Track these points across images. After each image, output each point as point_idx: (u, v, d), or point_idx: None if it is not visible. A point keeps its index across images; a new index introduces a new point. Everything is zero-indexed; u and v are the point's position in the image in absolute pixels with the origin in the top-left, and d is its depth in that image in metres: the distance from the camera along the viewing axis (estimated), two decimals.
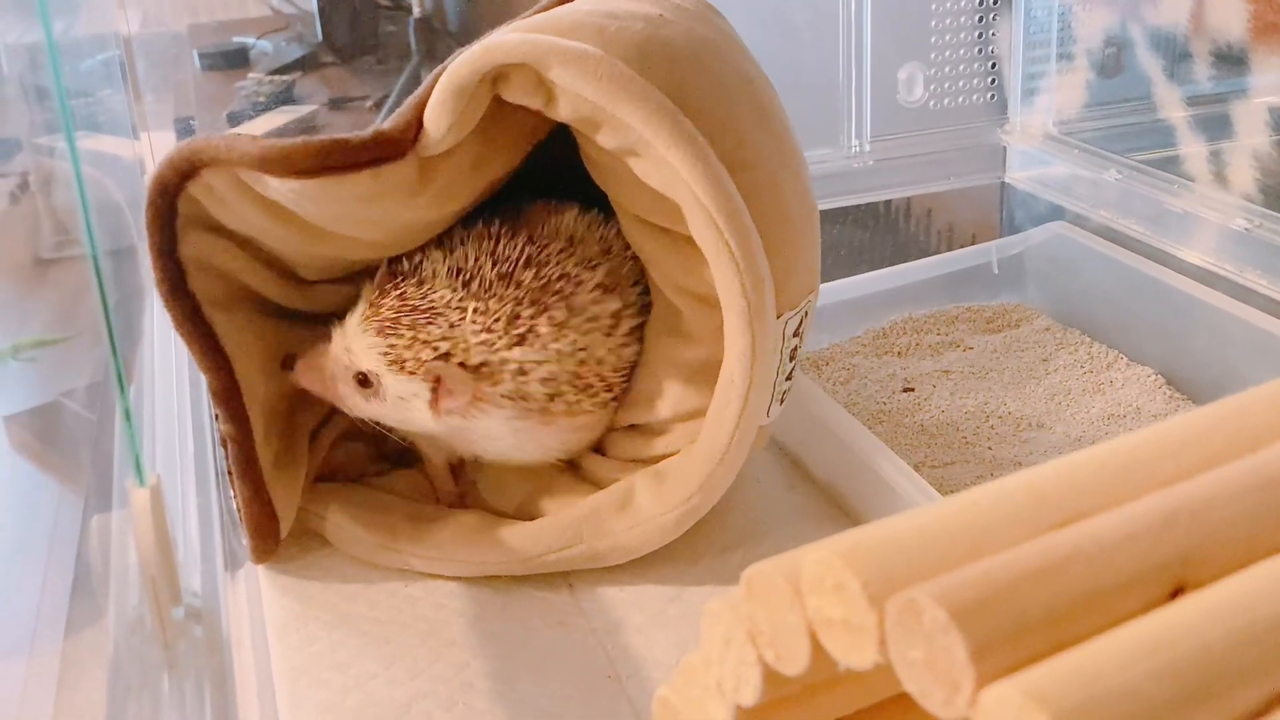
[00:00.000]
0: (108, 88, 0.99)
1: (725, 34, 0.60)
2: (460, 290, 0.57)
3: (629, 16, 0.54)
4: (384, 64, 1.54)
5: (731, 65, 0.58)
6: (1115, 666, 0.23)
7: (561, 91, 0.52)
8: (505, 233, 0.59)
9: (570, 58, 0.51)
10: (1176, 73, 0.91)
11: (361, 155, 0.51)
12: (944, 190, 0.98)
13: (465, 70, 0.51)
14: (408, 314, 0.57)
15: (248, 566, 0.60)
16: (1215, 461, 0.30)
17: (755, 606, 0.29)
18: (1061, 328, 0.85)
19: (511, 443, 0.60)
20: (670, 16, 0.56)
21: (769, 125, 0.58)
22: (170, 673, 0.44)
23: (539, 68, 0.51)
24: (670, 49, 0.54)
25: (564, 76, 0.51)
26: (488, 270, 0.57)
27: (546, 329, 0.57)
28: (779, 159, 0.58)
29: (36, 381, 0.90)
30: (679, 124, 0.52)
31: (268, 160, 0.51)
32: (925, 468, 0.70)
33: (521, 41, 0.51)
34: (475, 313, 0.56)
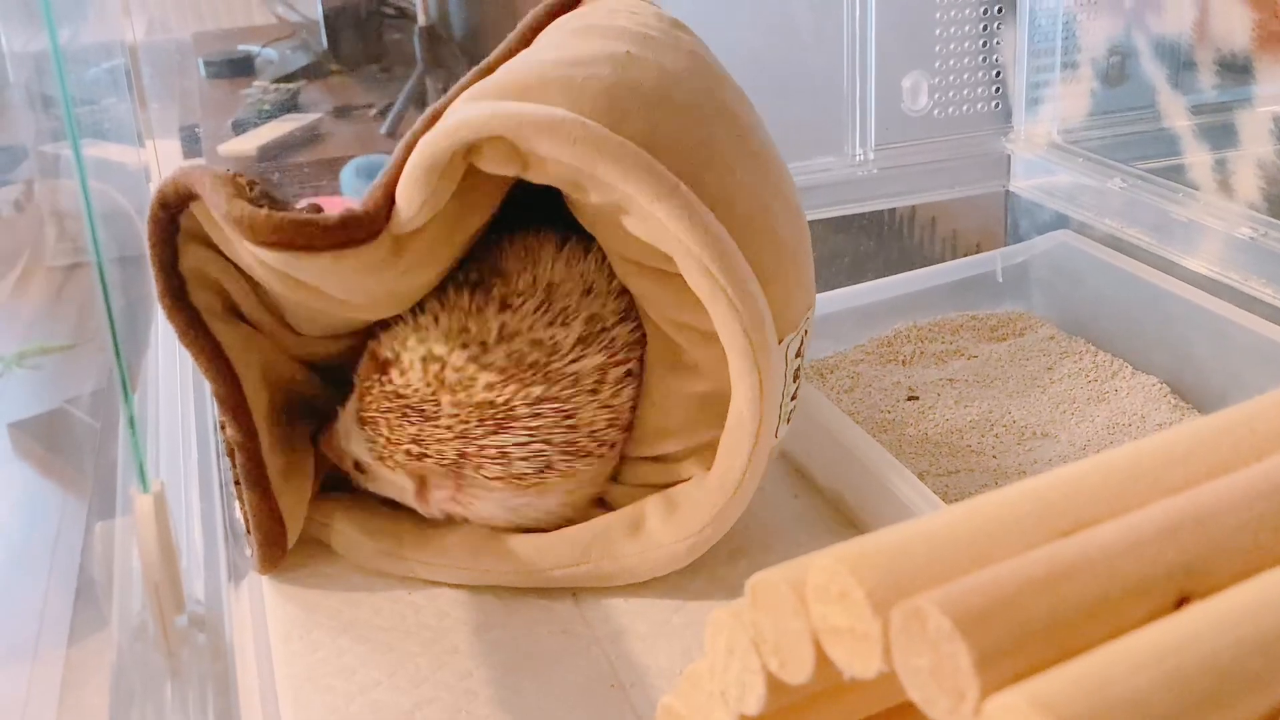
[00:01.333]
0: (113, 95, 0.99)
1: (696, 57, 0.59)
2: (433, 382, 0.56)
3: (594, 61, 0.54)
4: (389, 72, 1.54)
5: (705, 94, 0.57)
6: (1121, 675, 0.23)
7: (538, 159, 0.51)
8: (476, 303, 0.58)
9: (542, 126, 0.50)
10: (1181, 82, 0.91)
11: (324, 239, 0.51)
12: (948, 199, 0.98)
13: (436, 148, 0.50)
14: (385, 409, 0.57)
15: (251, 573, 0.60)
16: (1221, 470, 0.30)
17: (760, 614, 0.29)
18: (1066, 336, 0.85)
19: (511, 519, 0.59)
20: (638, 52, 0.56)
21: (750, 150, 0.57)
22: (173, 680, 0.43)
23: (512, 139, 0.50)
24: (641, 93, 0.53)
25: (540, 145, 0.50)
26: (458, 357, 0.56)
27: (524, 409, 0.56)
28: (764, 184, 0.57)
29: (41, 388, 0.90)
30: (660, 178, 0.51)
31: (232, 220, 0.51)
32: (929, 476, 0.70)
33: (491, 116, 0.50)
34: (449, 404, 0.56)
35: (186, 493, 0.57)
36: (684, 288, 0.55)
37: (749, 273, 0.53)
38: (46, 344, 0.95)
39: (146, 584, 0.44)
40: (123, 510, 0.57)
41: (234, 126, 1.39)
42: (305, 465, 0.62)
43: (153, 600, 0.43)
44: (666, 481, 0.60)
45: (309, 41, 1.58)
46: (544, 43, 0.59)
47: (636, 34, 0.57)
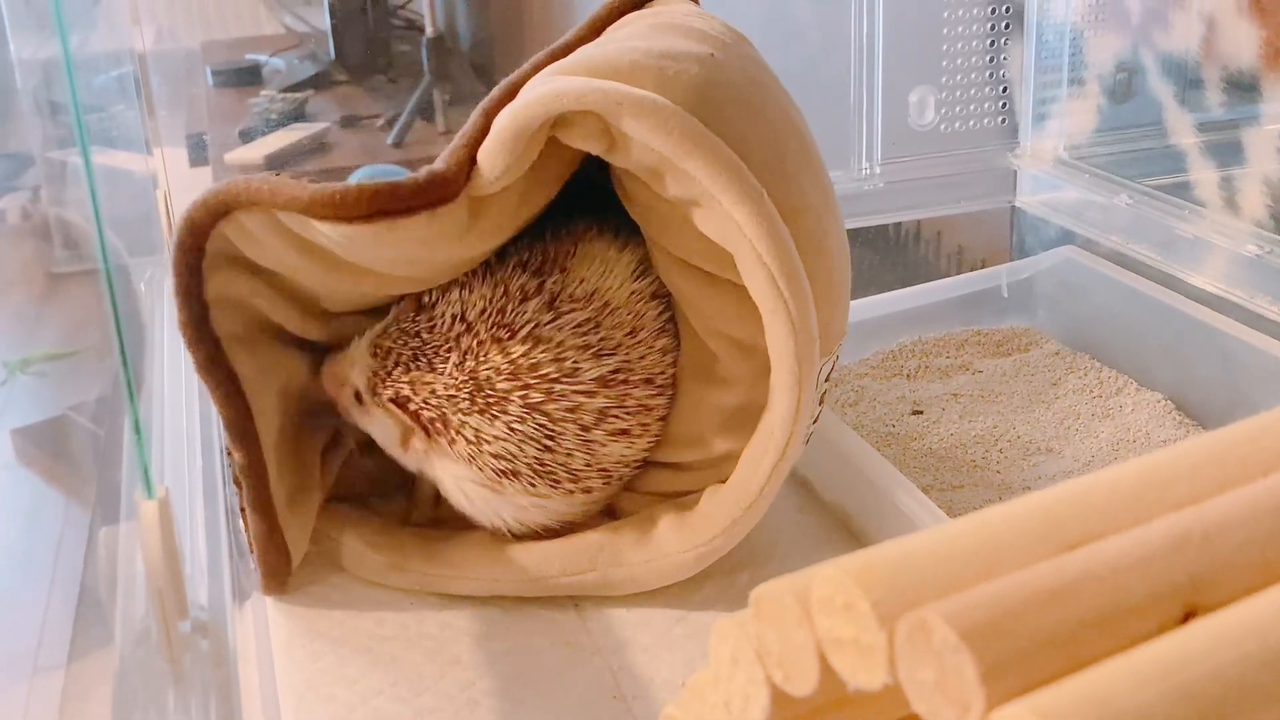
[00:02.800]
0: (121, 103, 0.99)
1: (765, 69, 0.59)
2: (450, 340, 0.56)
3: (684, 58, 0.54)
4: (396, 82, 1.55)
5: (777, 105, 0.57)
6: (1127, 689, 0.23)
7: (628, 141, 0.51)
8: (525, 289, 0.57)
9: (643, 109, 0.50)
10: (1187, 99, 0.91)
11: (416, 199, 0.50)
12: (954, 213, 0.98)
13: (530, 113, 0.50)
14: (400, 343, 0.57)
15: (253, 579, 0.60)
16: (1228, 485, 0.30)
17: (764, 625, 0.29)
18: (1071, 352, 0.85)
19: (460, 500, 0.59)
20: (720, 56, 0.56)
21: (813, 166, 0.57)
22: (176, 686, 0.43)
23: (608, 116, 0.50)
24: (729, 94, 0.53)
25: (635, 128, 0.50)
26: (482, 330, 0.56)
27: (517, 408, 0.56)
28: (824, 202, 0.57)
29: (45, 395, 0.90)
30: (745, 181, 0.51)
31: (317, 205, 0.50)
32: (934, 491, 0.70)
33: (591, 89, 0.50)
34: (454, 366, 0.56)
35: (191, 499, 0.57)
36: (732, 296, 0.55)
37: (810, 293, 0.52)
38: (50, 350, 0.95)
39: (150, 590, 0.44)
40: (127, 516, 0.57)
41: (241, 135, 1.40)
42: (313, 484, 0.61)
43: (156, 606, 0.43)
44: (679, 490, 0.60)
45: (316, 51, 1.59)
46: (623, 34, 0.58)
47: (714, 38, 0.57)
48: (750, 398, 0.57)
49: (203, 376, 0.55)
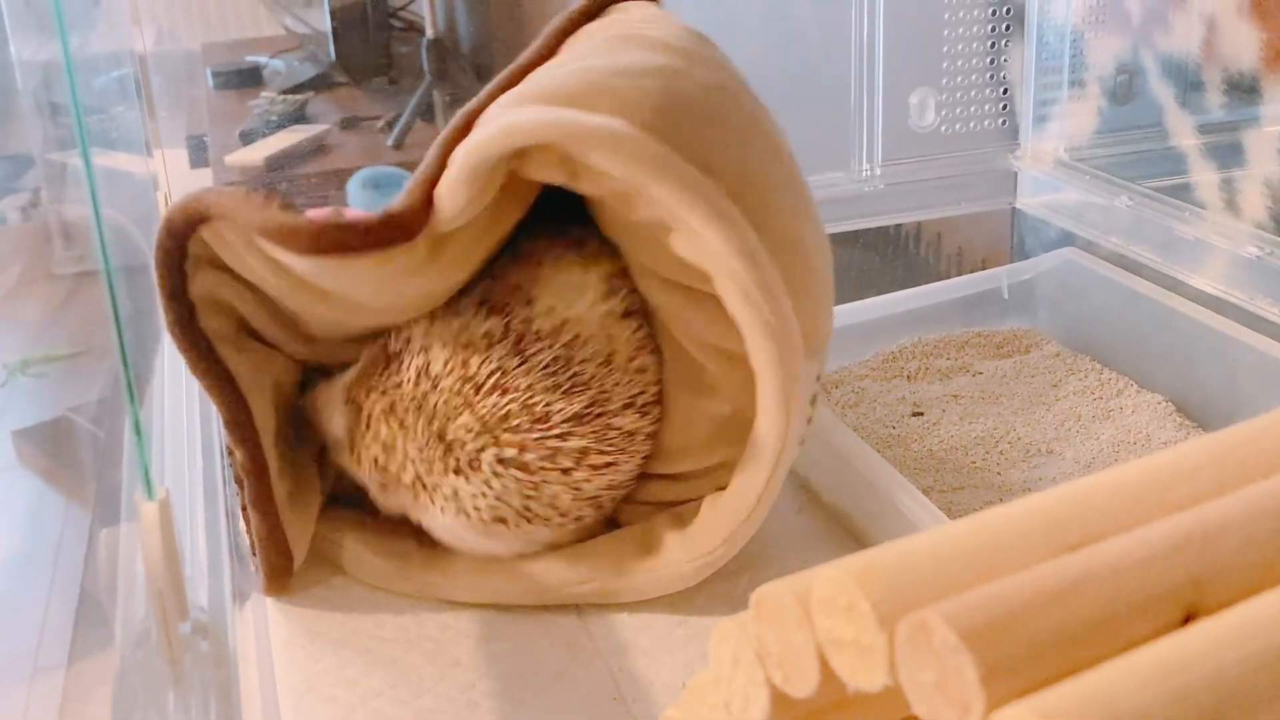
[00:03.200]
0: (121, 104, 0.99)
1: (726, 70, 0.59)
2: (419, 399, 0.55)
3: (641, 73, 0.53)
4: (396, 84, 1.55)
5: (742, 112, 0.57)
6: (1128, 691, 0.23)
7: (590, 171, 0.50)
8: (491, 332, 0.55)
9: (601, 138, 0.49)
10: (1188, 100, 0.91)
11: (366, 240, 0.50)
12: (955, 215, 0.98)
13: (486, 150, 0.49)
14: (370, 405, 0.56)
15: (253, 581, 0.60)
16: (1228, 487, 0.30)
17: (764, 626, 0.29)
18: (1071, 354, 0.85)
19: (452, 542, 0.58)
20: (678, 65, 0.55)
21: (784, 167, 0.57)
22: (176, 687, 0.43)
23: (566, 148, 0.49)
24: (690, 109, 0.53)
25: (594, 157, 0.49)
26: (448, 384, 0.55)
27: (490, 465, 0.54)
28: (797, 206, 0.56)
29: (45, 396, 0.90)
30: (712, 201, 0.50)
31: (270, 231, 0.50)
32: (934, 492, 0.70)
33: (544, 123, 0.49)
34: (423, 426, 0.55)
35: (191, 500, 0.57)
36: (713, 308, 0.54)
37: (787, 300, 0.52)
38: (51, 352, 0.95)
39: (150, 591, 0.44)
40: (127, 517, 0.57)
41: (241, 137, 1.40)
42: (312, 485, 0.61)
43: (156, 607, 0.43)
44: (678, 499, 0.60)
45: (317, 53, 1.59)
46: (578, 50, 0.58)
47: (671, 46, 0.56)
48: (742, 405, 0.57)
49: (197, 375, 0.56)
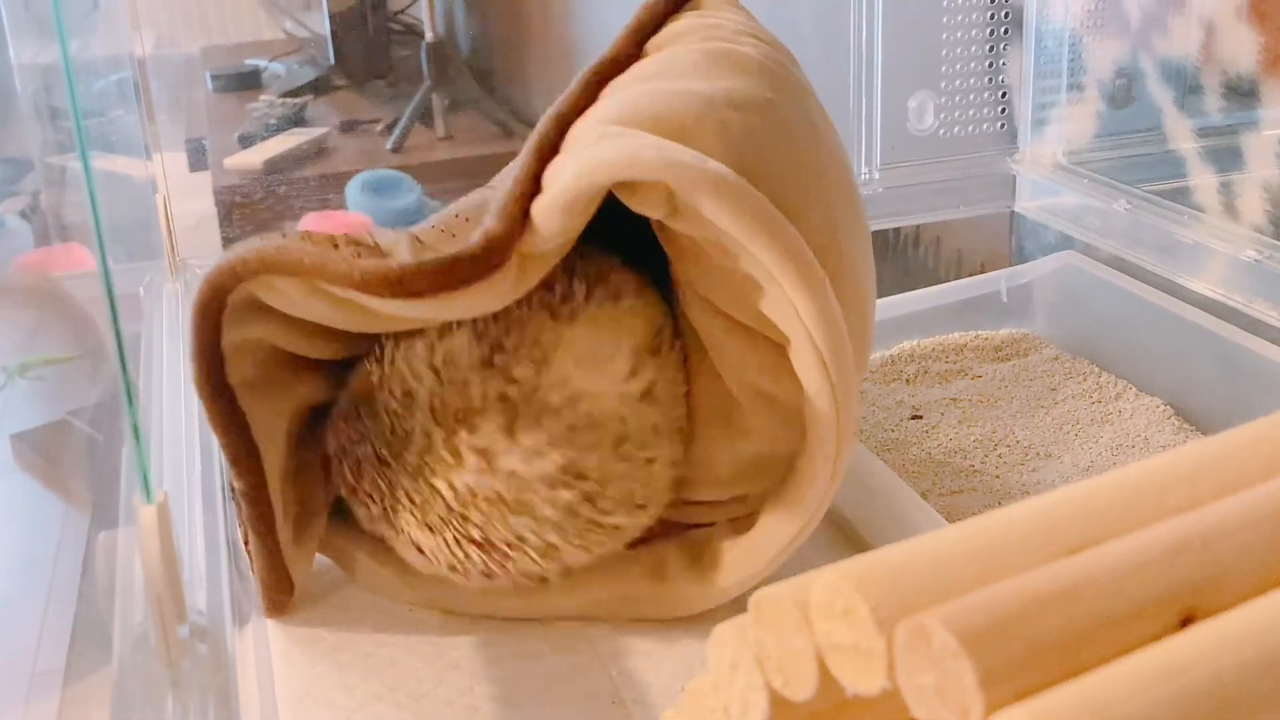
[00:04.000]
0: (120, 108, 0.99)
1: (809, 92, 0.57)
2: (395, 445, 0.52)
3: (747, 105, 0.51)
4: (395, 87, 1.55)
5: (825, 146, 0.56)
6: (1126, 694, 0.23)
7: (696, 215, 0.49)
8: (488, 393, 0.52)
9: (720, 189, 0.47)
10: (1187, 104, 0.92)
11: (472, 271, 0.47)
12: (953, 218, 0.98)
13: (598, 178, 0.48)
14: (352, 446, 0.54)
15: (253, 598, 0.59)
16: (1227, 490, 0.30)
17: (763, 630, 0.29)
18: (1070, 357, 0.85)
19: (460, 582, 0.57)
20: (775, 96, 0.53)
21: (857, 214, 0.56)
22: (174, 691, 0.43)
23: (679, 192, 0.48)
24: (792, 157, 0.51)
25: (706, 206, 0.48)
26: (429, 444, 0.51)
27: (452, 538, 0.52)
28: (864, 253, 0.56)
29: (43, 400, 0.90)
30: (810, 268, 0.49)
31: (371, 285, 0.48)
32: (933, 496, 0.70)
33: (665, 164, 0.47)
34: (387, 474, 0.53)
35: (189, 503, 0.57)
36: (763, 348, 0.53)
37: (855, 371, 0.51)
38: (49, 355, 0.95)
39: (148, 594, 0.44)
40: (125, 521, 0.57)
41: (240, 140, 1.40)
42: (316, 506, 0.60)
43: (154, 611, 0.43)
44: (688, 522, 0.59)
45: (316, 56, 1.59)
46: (676, 60, 0.55)
47: (766, 68, 0.55)
48: (771, 448, 0.56)
49: (215, 427, 0.53)
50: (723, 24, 0.59)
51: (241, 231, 1.20)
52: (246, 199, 1.24)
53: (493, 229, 0.48)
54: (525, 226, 0.49)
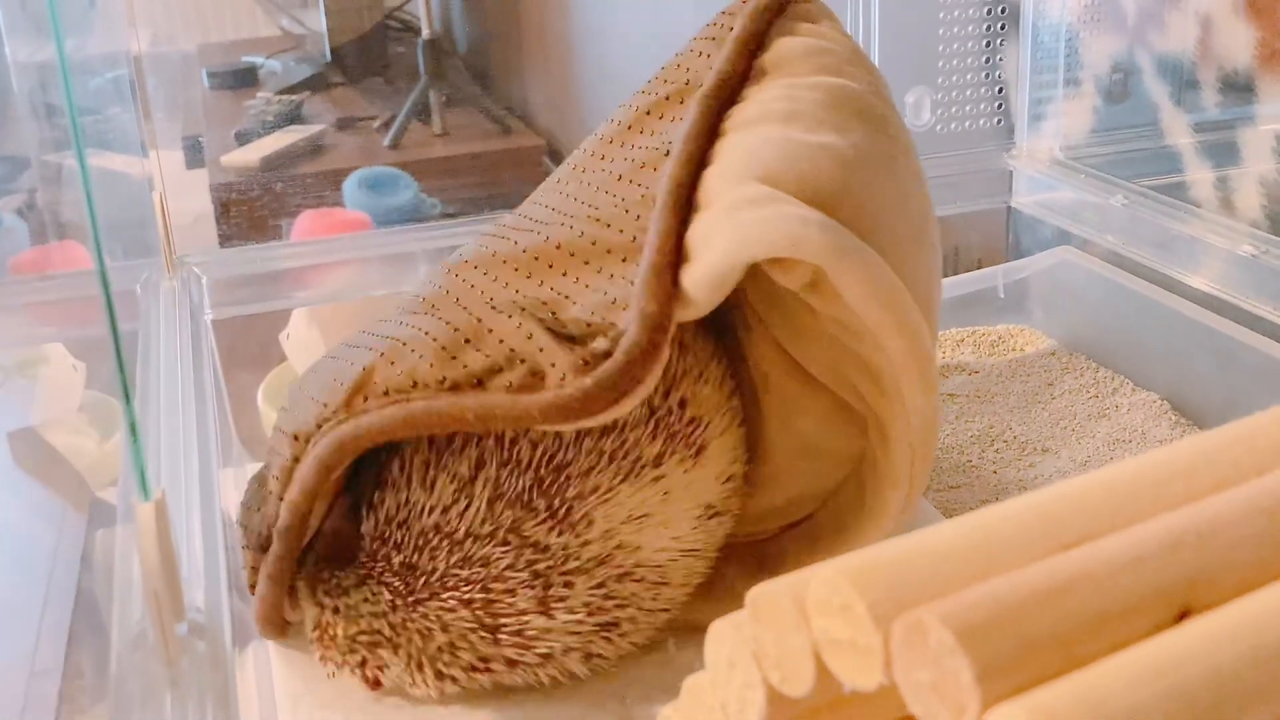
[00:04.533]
0: (117, 105, 0.99)
1: (907, 135, 0.56)
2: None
3: (877, 163, 0.51)
4: (392, 85, 1.55)
5: (928, 200, 0.56)
6: (1123, 689, 0.23)
7: (834, 294, 0.47)
8: (515, 566, 0.47)
9: (870, 281, 0.46)
10: (1183, 99, 0.92)
11: (648, 364, 0.44)
12: (950, 214, 0.98)
13: (757, 253, 0.45)
14: (364, 626, 0.50)
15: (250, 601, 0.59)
16: (1222, 485, 0.30)
17: (761, 627, 0.29)
18: (1067, 352, 0.85)
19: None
20: (894, 150, 0.53)
21: (936, 265, 0.56)
22: (173, 689, 0.43)
23: (832, 275, 0.46)
24: (909, 220, 0.51)
25: (851, 291, 0.46)
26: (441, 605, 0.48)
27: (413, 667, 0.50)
28: (937, 303, 0.56)
29: (40, 399, 0.90)
30: (929, 370, 0.48)
31: (552, 419, 0.44)
32: (930, 491, 0.70)
33: (829, 248, 0.45)
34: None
35: (187, 502, 0.57)
36: (826, 401, 0.53)
37: (934, 446, 0.51)
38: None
39: (146, 592, 0.43)
40: (123, 518, 0.57)
41: (237, 137, 1.40)
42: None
43: (153, 608, 0.43)
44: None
45: (312, 53, 1.59)
46: (805, 100, 0.52)
47: (881, 113, 0.54)
48: (801, 491, 0.56)
49: (286, 531, 0.51)
50: (833, 48, 0.56)
51: (239, 228, 1.20)
52: (243, 196, 1.24)
53: (651, 311, 0.45)
54: (677, 296, 0.46)
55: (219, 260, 0.85)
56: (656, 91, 0.56)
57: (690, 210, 0.48)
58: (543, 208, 0.56)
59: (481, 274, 0.52)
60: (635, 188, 0.51)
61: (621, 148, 0.55)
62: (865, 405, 0.53)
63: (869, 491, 0.53)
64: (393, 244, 0.89)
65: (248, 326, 0.84)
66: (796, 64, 0.54)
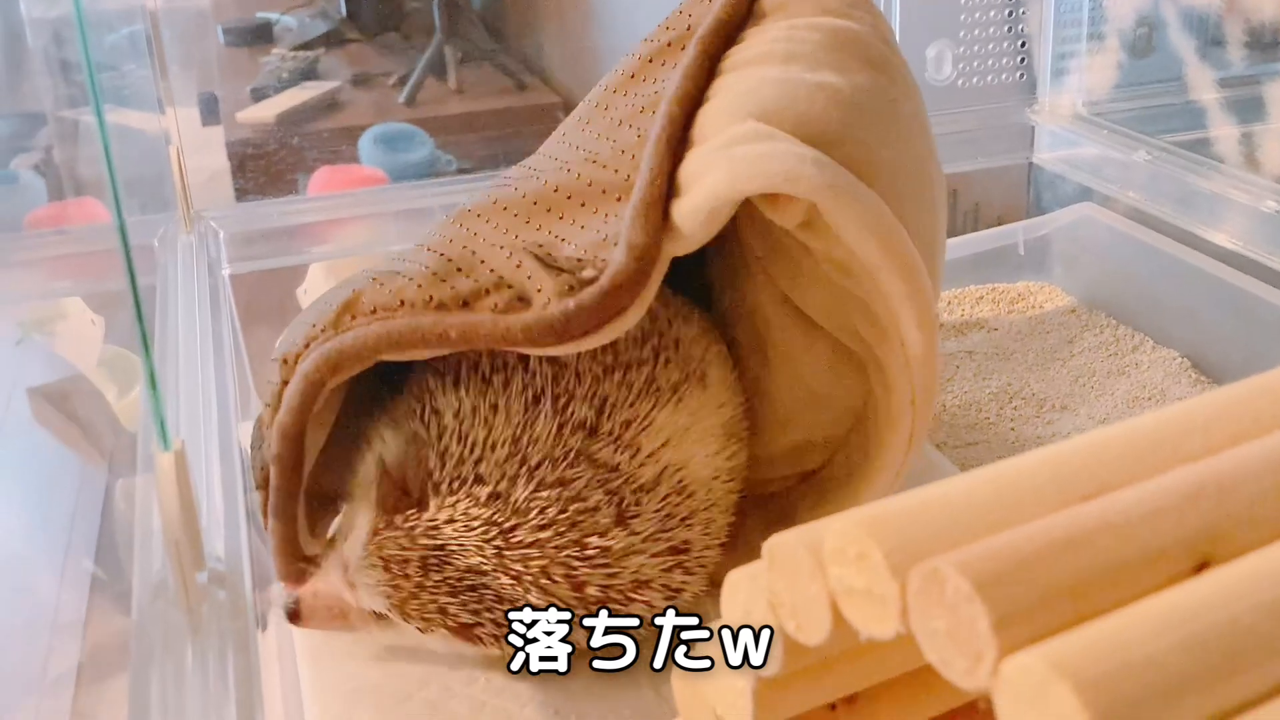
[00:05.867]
0: (132, 61, 0.99)
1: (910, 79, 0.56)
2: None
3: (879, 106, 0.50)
4: (408, 40, 1.54)
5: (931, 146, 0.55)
6: (1140, 638, 0.23)
7: (830, 233, 0.47)
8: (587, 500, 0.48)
9: (867, 219, 0.46)
10: (1208, 54, 0.90)
11: (634, 291, 0.44)
12: (971, 170, 0.97)
13: (750, 187, 0.45)
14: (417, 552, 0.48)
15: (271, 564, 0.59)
16: (1242, 438, 0.30)
17: (776, 577, 0.29)
18: (1087, 309, 0.84)
19: None
20: (897, 93, 0.52)
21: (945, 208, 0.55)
22: (194, 637, 0.44)
23: (827, 213, 0.46)
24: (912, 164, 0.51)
25: (847, 229, 0.46)
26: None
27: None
28: (944, 247, 0.56)
29: (60, 354, 0.91)
30: (927, 310, 0.47)
31: (534, 339, 0.44)
32: (948, 448, 0.70)
33: (825, 184, 0.45)
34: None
35: (206, 453, 0.57)
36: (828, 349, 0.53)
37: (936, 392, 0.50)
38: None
39: (167, 541, 0.44)
40: (143, 469, 0.57)
41: (252, 94, 1.39)
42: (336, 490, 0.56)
43: (173, 557, 0.44)
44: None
45: (328, 9, 1.58)
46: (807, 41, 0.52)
47: (885, 58, 0.53)
48: (808, 437, 0.56)
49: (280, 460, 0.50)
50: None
51: (255, 184, 1.20)
52: (259, 152, 1.23)
53: (639, 242, 0.45)
54: (667, 229, 0.46)
55: (236, 215, 0.85)
56: (659, 39, 0.56)
57: (684, 147, 0.48)
58: (546, 158, 0.56)
59: (483, 221, 0.52)
60: (632, 130, 0.51)
61: (624, 96, 0.55)
62: (865, 348, 0.52)
63: (873, 437, 0.53)
64: (409, 199, 0.89)
65: (265, 281, 0.84)
66: (797, 5, 0.54)
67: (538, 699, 0.51)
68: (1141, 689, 0.22)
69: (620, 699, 0.51)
